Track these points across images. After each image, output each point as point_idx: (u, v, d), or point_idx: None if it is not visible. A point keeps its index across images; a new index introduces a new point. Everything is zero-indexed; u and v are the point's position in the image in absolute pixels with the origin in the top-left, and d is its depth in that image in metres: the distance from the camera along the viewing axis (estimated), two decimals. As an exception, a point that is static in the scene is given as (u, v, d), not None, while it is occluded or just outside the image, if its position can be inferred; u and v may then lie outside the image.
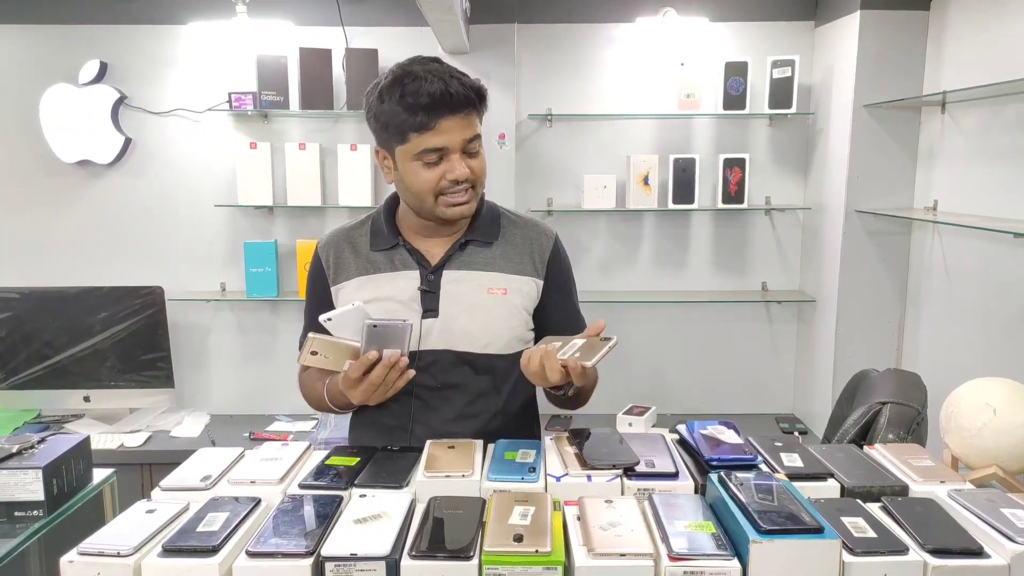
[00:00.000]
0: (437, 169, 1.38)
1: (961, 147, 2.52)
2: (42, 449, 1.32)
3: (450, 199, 1.40)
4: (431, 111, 1.33)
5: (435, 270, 1.47)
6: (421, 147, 1.36)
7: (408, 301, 1.46)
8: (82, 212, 3.15)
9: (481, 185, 1.44)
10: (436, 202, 1.40)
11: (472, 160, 1.40)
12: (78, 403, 3.06)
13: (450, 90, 1.33)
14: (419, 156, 1.37)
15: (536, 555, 0.92)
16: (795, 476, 1.14)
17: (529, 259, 1.50)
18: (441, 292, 1.46)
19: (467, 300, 1.46)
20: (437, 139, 1.35)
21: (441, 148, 1.36)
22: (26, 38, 3.05)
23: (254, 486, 1.14)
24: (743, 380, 3.27)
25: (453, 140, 1.36)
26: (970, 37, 2.47)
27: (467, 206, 1.42)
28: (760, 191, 3.10)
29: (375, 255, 1.50)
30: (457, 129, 1.36)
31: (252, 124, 3.10)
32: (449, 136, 1.35)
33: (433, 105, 1.33)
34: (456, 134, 1.36)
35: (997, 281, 2.33)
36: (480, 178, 1.42)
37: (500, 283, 1.47)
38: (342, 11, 2.93)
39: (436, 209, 1.41)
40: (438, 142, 1.35)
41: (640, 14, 2.91)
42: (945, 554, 0.93)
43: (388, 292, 1.46)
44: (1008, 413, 1.32)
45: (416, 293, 1.46)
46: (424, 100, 1.32)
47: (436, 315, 1.45)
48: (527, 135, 3.12)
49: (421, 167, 1.38)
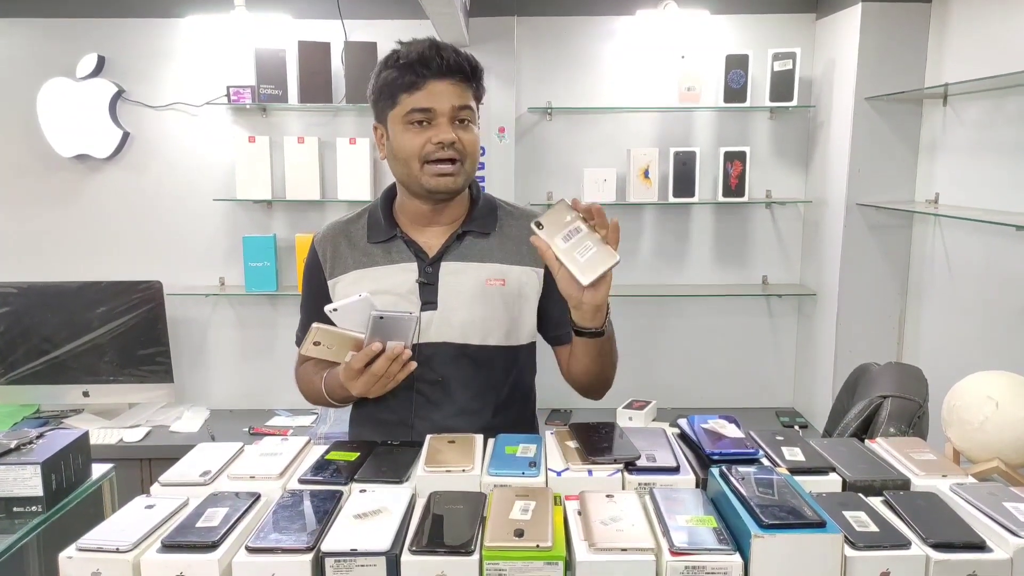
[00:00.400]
0: (424, 133, 1.38)
1: (963, 140, 2.51)
2: (41, 444, 1.32)
3: (436, 168, 1.39)
4: (420, 71, 1.36)
5: (433, 262, 1.46)
6: (409, 107, 1.38)
7: (406, 294, 1.45)
8: (80, 206, 3.15)
9: (471, 162, 1.43)
10: (422, 170, 1.40)
11: (462, 131, 1.40)
12: (77, 398, 3.06)
13: (442, 53, 1.37)
14: (408, 117, 1.38)
15: (537, 550, 0.92)
16: (796, 470, 1.13)
17: (528, 249, 1.47)
18: (439, 284, 1.45)
19: (466, 291, 1.45)
20: (425, 99, 1.37)
21: (429, 109, 1.37)
22: (23, 32, 3.04)
23: (254, 481, 1.14)
24: (743, 374, 3.27)
25: (441, 103, 1.37)
26: (972, 29, 2.46)
27: (452, 179, 1.40)
28: (761, 184, 3.09)
29: (372, 248, 1.50)
30: (446, 94, 1.38)
31: (251, 118, 3.09)
32: (437, 98, 1.37)
33: (423, 63, 1.36)
34: (444, 98, 1.38)
35: (999, 274, 2.33)
36: (469, 153, 1.42)
37: (499, 274, 1.46)
38: (341, 4, 2.92)
39: (422, 179, 1.40)
40: (426, 102, 1.37)
41: (640, 6, 2.89)
42: (947, 548, 0.93)
43: (386, 285, 1.45)
44: (1010, 407, 1.32)
45: (414, 286, 1.45)
46: (414, 57, 1.37)
47: (435, 307, 1.44)
48: (527, 128, 3.11)
49: (409, 130, 1.39)
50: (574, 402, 3.24)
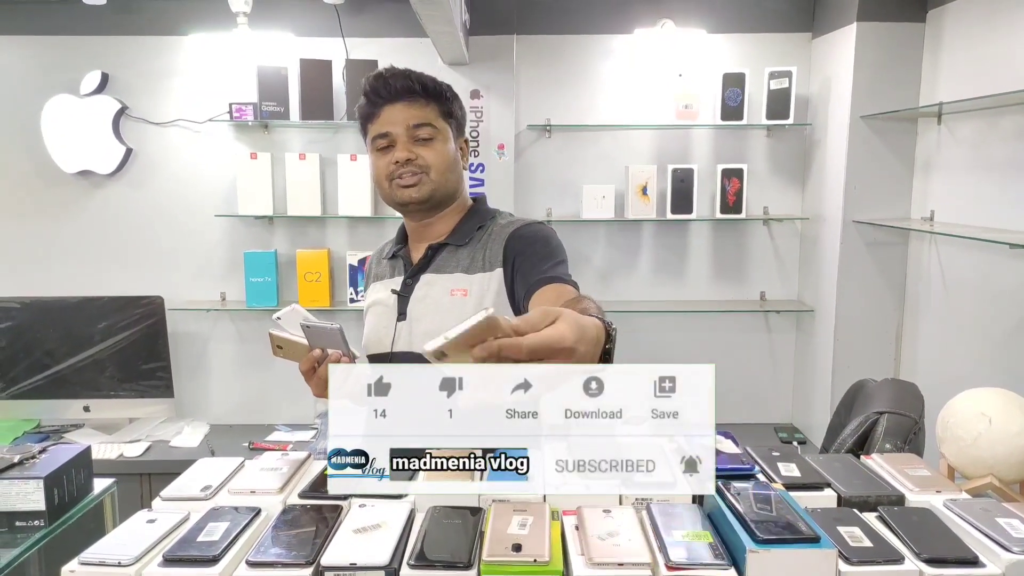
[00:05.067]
0: (387, 156, 1.47)
1: (957, 158, 2.54)
2: (43, 459, 1.33)
3: (399, 182, 1.48)
4: (374, 100, 1.47)
5: (412, 275, 1.53)
6: (373, 135, 1.48)
7: (391, 305, 1.54)
8: (83, 222, 3.16)
9: (437, 173, 1.48)
10: (391, 187, 1.49)
11: (421, 148, 1.47)
12: (78, 413, 3.06)
13: (388, 80, 1.45)
14: (374, 144, 1.49)
15: (535, 564, 0.93)
16: (792, 486, 1.14)
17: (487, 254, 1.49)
18: (412, 297, 1.51)
19: (431, 303, 1.50)
20: (382, 125, 1.47)
21: (387, 134, 1.46)
22: (28, 49, 3.07)
23: (254, 496, 1.15)
24: (741, 389, 3.27)
25: (395, 126, 1.46)
26: (966, 49, 2.49)
27: (415, 189, 1.47)
28: (758, 201, 3.11)
29: (386, 262, 1.62)
30: (400, 116, 1.46)
31: (252, 134, 3.11)
32: (392, 122, 1.46)
33: (375, 93, 1.46)
34: (399, 120, 1.46)
35: (993, 291, 2.34)
36: (434, 166, 1.48)
37: (462, 284, 1.49)
38: (342, 22, 2.95)
39: (393, 195, 1.50)
40: (383, 128, 1.47)
41: (638, 25, 2.93)
42: (941, 563, 0.94)
43: (380, 297, 1.56)
44: (1003, 423, 1.33)
45: (395, 297, 1.53)
46: (369, 91, 1.47)
47: (405, 318, 1.51)
48: (526, 146, 3.13)
49: (376, 155, 1.49)
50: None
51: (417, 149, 1.46)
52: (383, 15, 3.03)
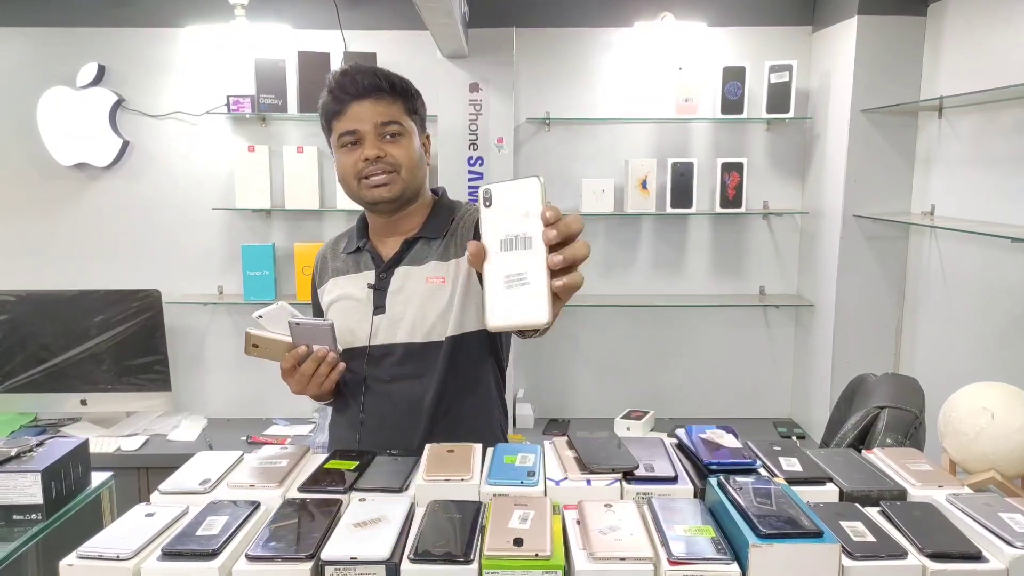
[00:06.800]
0: (354, 153, 1.47)
1: (958, 152, 2.53)
2: (41, 452, 1.32)
3: (369, 181, 1.47)
4: (340, 98, 1.46)
5: (386, 268, 1.54)
6: (339, 131, 1.48)
7: (364, 299, 1.54)
8: (79, 215, 3.15)
9: (407, 171, 1.49)
10: (359, 185, 1.49)
11: (390, 146, 1.47)
12: (75, 406, 3.05)
13: (356, 77, 1.45)
14: (339, 141, 1.48)
15: (536, 559, 0.92)
16: (794, 480, 1.14)
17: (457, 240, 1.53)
18: (388, 289, 1.52)
19: (410, 294, 1.51)
20: (349, 122, 1.46)
21: (354, 131, 1.46)
22: (24, 41, 3.05)
23: (253, 490, 1.14)
24: (741, 384, 3.27)
25: (363, 123, 1.46)
26: (967, 43, 2.48)
27: (386, 188, 1.48)
28: (758, 195, 3.11)
29: (347, 257, 1.62)
30: (368, 113, 1.46)
31: (250, 127, 3.10)
32: (359, 120, 1.46)
33: (341, 90, 1.46)
34: (366, 118, 1.46)
35: (994, 286, 2.34)
36: (402, 163, 1.48)
37: (440, 271, 1.51)
38: (340, 15, 2.93)
39: (361, 192, 1.50)
40: (350, 125, 1.46)
41: (638, 19, 2.91)
42: (944, 558, 0.93)
43: (349, 291, 1.56)
44: (1006, 418, 1.33)
45: (369, 291, 1.53)
46: (335, 88, 1.47)
47: (384, 311, 1.51)
48: (525, 139, 3.12)
49: (343, 152, 1.49)
50: (572, 412, 3.26)
51: (386, 147, 1.46)
52: (381, 7, 3.01)
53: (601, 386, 3.26)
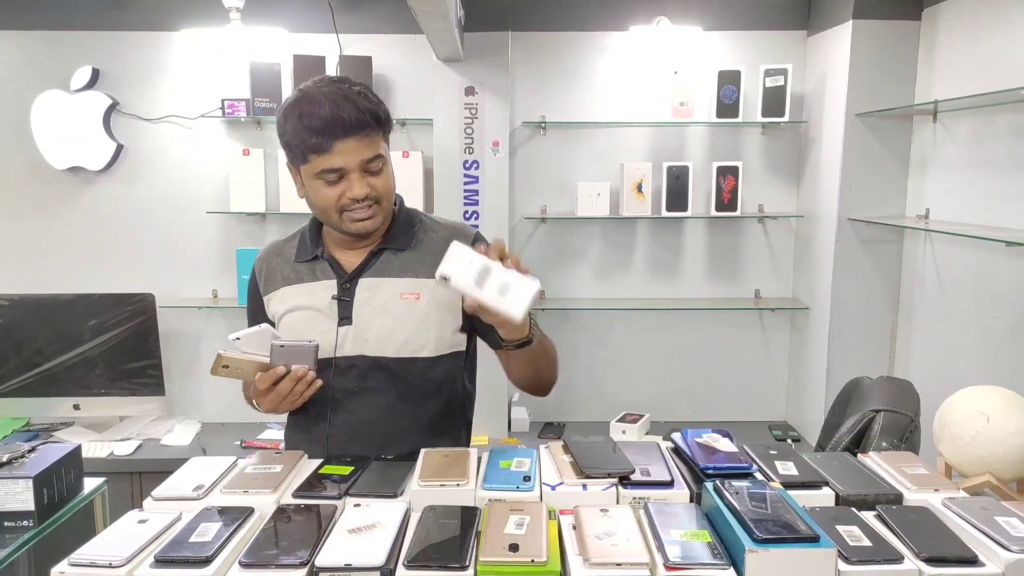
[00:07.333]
0: (338, 187, 1.42)
1: (953, 156, 2.54)
2: (33, 458, 1.31)
3: (353, 215, 1.44)
4: (325, 135, 1.37)
5: (350, 279, 1.51)
6: (320, 167, 1.40)
7: (326, 309, 1.50)
8: (73, 219, 3.14)
9: (387, 200, 1.48)
10: (341, 218, 1.45)
11: (374, 178, 1.43)
12: (68, 411, 3.03)
13: (341, 114, 1.37)
14: (320, 176, 1.41)
15: (532, 565, 0.92)
16: (790, 484, 1.14)
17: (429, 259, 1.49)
18: (355, 300, 1.49)
19: (380, 306, 1.48)
20: (333, 160, 1.39)
21: (339, 169, 1.40)
22: (18, 44, 3.04)
23: (247, 495, 1.14)
24: (736, 387, 3.27)
25: (349, 161, 1.40)
26: (961, 47, 2.49)
27: (371, 221, 1.45)
28: (753, 199, 3.11)
29: (299, 266, 1.56)
30: (353, 151, 1.39)
31: (245, 131, 3.09)
32: (345, 157, 1.39)
33: (326, 129, 1.37)
34: (352, 155, 1.39)
35: (989, 289, 2.35)
36: (384, 194, 1.46)
37: (414, 287, 1.49)
38: (336, 18, 2.93)
39: (342, 224, 1.45)
40: (335, 163, 1.39)
41: (634, 23, 2.92)
42: (940, 562, 0.93)
43: (308, 301, 1.51)
44: (1001, 421, 1.33)
45: (332, 302, 1.50)
46: (317, 124, 1.37)
47: (350, 323, 1.48)
48: (521, 143, 3.12)
49: (323, 185, 1.42)
50: (567, 415, 3.25)
51: (371, 181, 1.43)
52: (377, 11, 3.01)
53: (596, 389, 3.26)
